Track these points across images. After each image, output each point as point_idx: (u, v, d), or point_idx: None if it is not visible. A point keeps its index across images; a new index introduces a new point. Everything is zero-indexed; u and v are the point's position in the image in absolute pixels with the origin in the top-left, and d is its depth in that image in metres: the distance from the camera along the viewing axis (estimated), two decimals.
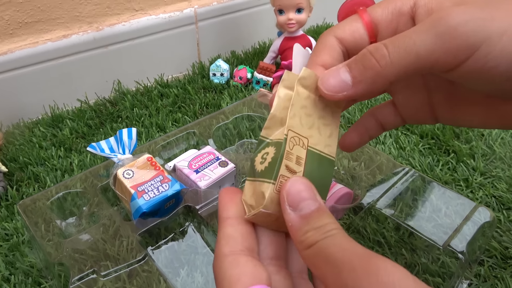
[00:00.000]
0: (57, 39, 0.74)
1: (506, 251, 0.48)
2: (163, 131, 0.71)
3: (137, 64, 0.85)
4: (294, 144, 0.24)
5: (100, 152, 0.47)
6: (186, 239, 0.46)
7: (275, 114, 0.25)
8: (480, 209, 0.46)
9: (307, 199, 0.21)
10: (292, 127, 0.24)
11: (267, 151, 0.24)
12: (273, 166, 0.23)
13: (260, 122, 0.65)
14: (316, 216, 0.21)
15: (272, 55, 0.88)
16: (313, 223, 0.21)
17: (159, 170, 0.45)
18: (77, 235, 0.44)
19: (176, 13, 0.85)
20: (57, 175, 0.61)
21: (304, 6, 0.80)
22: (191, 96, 0.81)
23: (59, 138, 0.69)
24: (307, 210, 0.21)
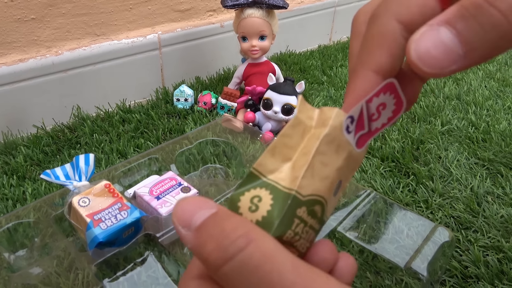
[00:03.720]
0: (12, 63, 0.72)
1: (466, 270, 0.49)
2: (124, 157, 0.69)
3: (98, 90, 0.83)
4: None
5: (54, 180, 0.45)
6: (146, 269, 0.44)
7: (279, 148, 0.19)
8: (439, 229, 0.47)
9: (200, 210, 0.16)
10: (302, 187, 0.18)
11: (259, 194, 0.18)
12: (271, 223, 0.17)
13: (225, 147, 0.64)
14: (213, 224, 0.16)
15: (236, 80, 0.89)
16: (213, 232, 0.16)
17: (118, 197, 0.44)
18: (27, 269, 0.41)
19: (139, 38, 0.84)
20: (8, 205, 0.57)
21: (267, 34, 0.82)
22: (154, 121, 0.79)
23: (12, 165, 0.65)
24: (201, 219, 0.16)
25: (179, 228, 0.16)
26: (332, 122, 0.18)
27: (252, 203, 0.18)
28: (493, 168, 0.68)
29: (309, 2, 1.15)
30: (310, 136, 0.19)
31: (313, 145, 0.18)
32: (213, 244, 0.15)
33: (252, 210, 0.18)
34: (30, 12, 0.71)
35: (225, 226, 0.16)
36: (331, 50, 1.18)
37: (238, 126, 0.67)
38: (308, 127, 0.19)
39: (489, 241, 0.53)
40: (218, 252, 0.15)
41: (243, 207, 0.18)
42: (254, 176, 0.19)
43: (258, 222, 0.17)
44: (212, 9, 0.95)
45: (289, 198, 0.17)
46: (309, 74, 1.03)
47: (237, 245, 0.15)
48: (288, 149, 0.19)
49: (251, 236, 0.15)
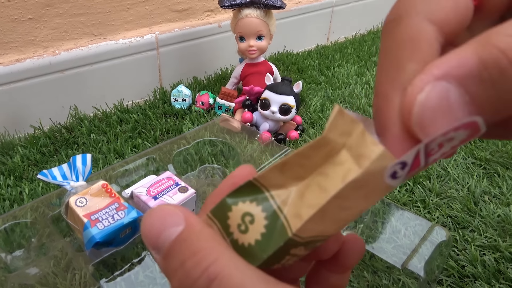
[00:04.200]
0: (9, 63, 0.71)
1: (463, 269, 0.50)
2: (122, 157, 0.69)
3: (96, 90, 0.83)
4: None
5: (51, 180, 0.45)
6: (144, 269, 0.44)
7: (291, 166, 0.15)
8: (436, 229, 0.47)
9: (166, 228, 0.14)
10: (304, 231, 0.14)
11: (253, 212, 0.15)
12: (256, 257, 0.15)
13: (222, 147, 0.64)
14: (177, 250, 0.14)
15: (234, 80, 0.89)
16: (174, 260, 0.14)
17: (115, 197, 0.44)
18: (24, 269, 0.41)
19: (136, 38, 0.84)
20: (4, 205, 0.57)
21: (265, 34, 0.82)
22: (152, 121, 0.79)
23: (9, 166, 0.65)
24: (168, 242, 0.14)
25: (150, 249, 0.15)
26: (370, 166, 0.13)
27: (243, 221, 0.15)
28: (490, 168, 0.68)
29: (306, 2, 1.15)
30: (336, 161, 0.14)
31: (335, 184, 0.14)
32: (177, 282, 0.14)
33: (241, 230, 0.15)
34: (27, 12, 0.71)
35: (187, 257, 0.14)
36: (328, 50, 1.18)
37: (236, 126, 0.67)
38: (337, 146, 0.14)
39: (486, 240, 0.53)
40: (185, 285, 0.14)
41: (233, 219, 0.16)
42: (254, 187, 0.16)
43: (243, 248, 0.15)
44: (209, 9, 0.95)
45: (284, 237, 0.14)
46: (306, 74, 1.03)
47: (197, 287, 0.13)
48: (303, 170, 0.15)
49: (214, 271, 0.13)
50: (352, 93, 0.93)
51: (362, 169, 0.13)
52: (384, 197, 0.55)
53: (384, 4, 1.39)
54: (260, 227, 0.15)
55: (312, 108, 0.86)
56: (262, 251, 0.15)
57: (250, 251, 0.15)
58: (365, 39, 1.28)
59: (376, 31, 1.37)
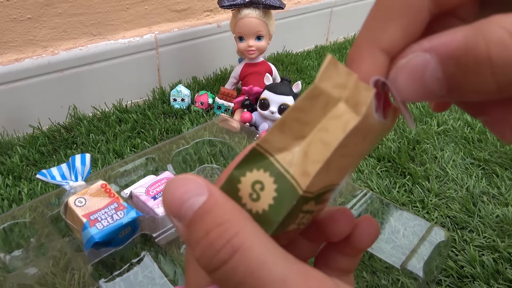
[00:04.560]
0: (8, 63, 0.71)
1: (462, 270, 0.50)
2: (121, 157, 0.69)
3: (95, 89, 0.83)
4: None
5: (50, 180, 0.45)
6: (143, 269, 0.44)
7: (290, 123, 0.15)
8: (435, 229, 0.47)
9: (189, 197, 0.14)
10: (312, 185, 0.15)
11: (261, 179, 0.15)
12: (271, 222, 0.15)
13: (221, 147, 0.64)
14: (200, 220, 0.14)
15: (233, 81, 0.89)
16: (198, 230, 0.14)
17: (114, 197, 0.44)
18: (23, 269, 0.41)
19: (136, 38, 0.84)
20: (3, 205, 0.57)
21: (264, 34, 0.82)
22: (151, 121, 0.79)
23: (8, 165, 0.65)
24: (191, 212, 0.14)
25: (170, 217, 0.15)
26: (367, 111, 0.14)
27: (253, 190, 0.16)
28: (488, 168, 0.68)
29: (306, 3, 1.15)
30: (334, 115, 0.15)
31: (336, 135, 0.14)
32: (199, 251, 0.14)
33: (253, 199, 0.16)
34: (26, 12, 0.70)
35: (211, 228, 0.14)
36: (328, 50, 1.18)
37: (235, 126, 0.67)
38: (334, 99, 0.15)
39: (484, 241, 0.54)
40: (204, 261, 0.14)
41: (244, 190, 0.16)
42: (258, 154, 0.16)
43: (258, 215, 0.15)
44: (209, 9, 0.95)
45: (295, 196, 0.15)
46: (305, 74, 1.03)
47: (220, 258, 0.14)
48: (302, 125, 0.15)
49: (237, 243, 0.14)
50: None
51: (360, 116, 0.14)
52: (384, 197, 0.55)
53: None
54: (271, 192, 0.15)
55: None
56: (277, 214, 0.15)
57: (264, 217, 0.15)
58: None
59: None
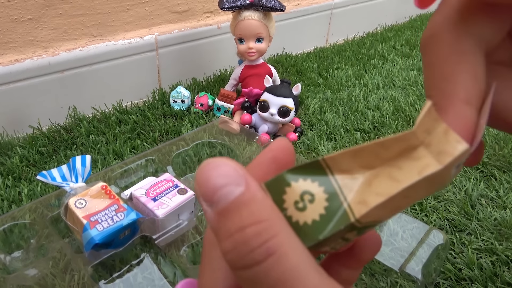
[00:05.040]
0: (8, 63, 0.71)
1: (460, 272, 0.50)
2: (121, 159, 0.69)
3: (95, 90, 0.83)
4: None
5: (51, 181, 0.45)
6: (142, 271, 0.44)
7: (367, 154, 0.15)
8: (434, 232, 0.47)
9: (226, 185, 0.13)
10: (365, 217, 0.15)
11: (314, 192, 0.15)
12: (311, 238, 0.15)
13: (221, 149, 0.65)
14: (235, 212, 0.13)
15: (233, 82, 0.89)
16: (232, 228, 0.13)
17: (114, 199, 0.44)
18: (23, 270, 0.41)
19: (136, 39, 0.84)
20: (3, 206, 0.57)
21: (264, 36, 0.82)
22: (151, 122, 0.79)
23: (7, 166, 0.65)
24: (225, 201, 0.13)
25: (201, 199, 0.14)
26: (450, 162, 0.14)
27: (302, 199, 0.15)
28: (487, 171, 0.69)
29: (305, 5, 1.15)
30: (411, 156, 0.15)
31: (409, 176, 0.14)
32: (230, 244, 0.13)
33: (298, 207, 0.15)
34: (27, 13, 0.71)
35: (248, 224, 0.13)
36: (327, 52, 1.19)
37: (235, 128, 0.67)
38: (415, 142, 0.15)
39: (482, 243, 0.54)
40: (234, 255, 0.13)
41: (290, 195, 0.15)
42: (318, 167, 0.15)
43: (297, 225, 0.15)
44: (209, 10, 0.96)
45: (345, 222, 0.14)
46: (305, 76, 1.03)
47: (254, 258, 0.13)
48: (376, 159, 0.15)
49: (274, 246, 0.13)
50: (350, 96, 0.93)
51: (442, 165, 0.14)
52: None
53: (383, 7, 1.40)
54: (319, 208, 0.15)
55: (311, 110, 0.86)
56: (319, 232, 0.15)
57: (305, 230, 0.15)
58: (364, 41, 1.28)
59: (374, 33, 1.38)
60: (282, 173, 0.15)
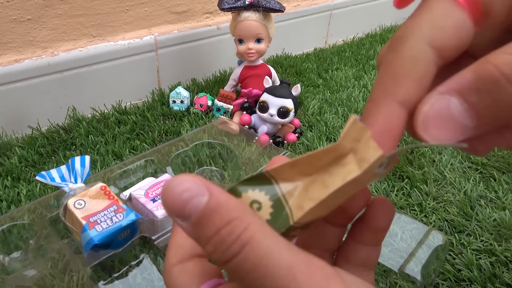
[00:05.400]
0: (8, 64, 0.71)
1: (459, 273, 0.50)
2: (120, 159, 0.69)
3: (94, 91, 0.83)
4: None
5: (50, 181, 0.45)
6: (142, 271, 0.44)
7: (302, 164, 0.17)
8: (433, 233, 0.47)
9: (191, 198, 0.15)
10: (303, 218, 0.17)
11: (261, 200, 0.17)
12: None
13: (220, 149, 0.64)
14: (207, 219, 0.15)
15: (232, 83, 0.89)
16: (208, 233, 0.15)
17: (113, 200, 0.44)
18: (22, 271, 0.41)
19: (135, 40, 0.84)
20: (2, 206, 0.57)
21: (263, 37, 0.82)
22: (150, 123, 0.79)
23: (6, 166, 0.65)
24: (196, 212, 0.15)
25: (173, 217, 0.15)
26: (368, 168, 0.16)
27: (251, 207, 0.17)
28: (486, 172, 0.69)
29: (305, 5, 1.15)
30: (341, 163, 0.16)
31: (336, 181, 0.16)
32: (212, 247, 0.15)
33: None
34: (26, 13, 0.71)
35: (220, 226, 0.15)
36: (326, 53, 1.19)
37: (234, 128, 0.67)
38: (346, 150, 0.16)
39: (482, 244, 0.54)
40: (217, 255, 0.15)
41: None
42: (264, 179, 0.17)
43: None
44: (208, 11, 0.96)
45: (287, 224, 0.17)
46: (305, 77, 1.03)
47: (232, 251, 0.15)
48: (311, 168, 0.17)
49: (246, 237, 0.15)
50: (350, 96, 0.93)
51: (361, 170, 0.16)
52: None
53: (382, 8, 1.40)
54: (266, 214, 0.17)
55: (310, 111, 0.86)
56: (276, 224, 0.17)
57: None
58: (363, 42, 1.29)
59: (374, 34, 1.38)
60: (234, 185, 0.18)
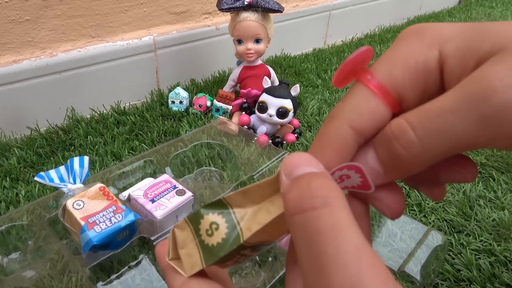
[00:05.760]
0: (6, 64, 0.71)
1: (458, 273, 0.50)
2: (119, 160, 0.69)
3: (93, 91, 0.83)
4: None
5: (48, 182, 0.44)
6: (141, 272, 0.44)
7: (251, 193, 0.20)
8: (432, 233, 0.47)
9: (302, 165, 0.17)
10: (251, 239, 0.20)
11: (219, 222, 0.20)
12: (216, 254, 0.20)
13: (219, 150, 0.64)
14: (307, 178, 0.17)
15: (231, 83, 0.89)
16: (301, 184, 0.17)
17: (112, 200, 0.44)
18: (20, 272, 0.41)
19: (134, 40, 0.84)
20: (0, 207, 0.57)
21: (262, 37, 0.82)
22: (149, 123, 0.79)
23: (5, 167, 0.65)
24: (299, 173, 0.17)
25: (282, 175, 0.18)
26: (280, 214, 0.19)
27: (210, 228, 0.20)
28: (485, 172, 0.69)
29: (304, 6, 1.15)
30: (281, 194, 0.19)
31: (277, 209, 0.19)
32: (295, 193, 0.16)
33: (208, 234, 0.21)
34: (25, 13, 0.70)
35: (314, 183, 0.16)
36: (325, 53, 1.19)
37: (233, 128, 0.67)
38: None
39: (481, 244, 0.54)
40: (295, 201, 0.16)
41: (203, 225, 0.21)
42: (222, 204, 0.21)
43: (207, 246, 0.20)
44: (207, 11, 0.96)
45: (237, 243, 0.20)
46: (304, 77, 1.03)
47: (312, 203, 0.16)
48: (258, 197, 0.20)
49: (330, 201, 0.16)
50: None
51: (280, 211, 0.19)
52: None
53: (381, 8, 1.40)
54: (222, 234, 0.20)
55: (309, 111, 0.86)
56: (220, 251, 0.20)
57: (212, 250, 0.20)
58: (362, 42, 1.29)
59: (372, 35, 1.38)
60: (198, 209, 0.21)
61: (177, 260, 0.22)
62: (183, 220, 0.22)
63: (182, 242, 0.22)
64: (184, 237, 0.22)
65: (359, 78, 0.19)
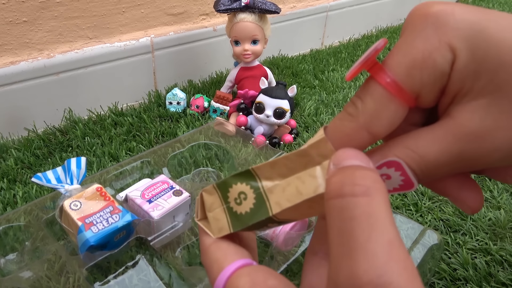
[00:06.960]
0: (3, 66, 0.71)
1: (454, 272, 0.50)
2: (116, 161, 0.69)
3: (90, 92, 0.83)
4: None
5: (46, 183, 0.45)
6: (138, 272, 0.44)
7: (279, 165, 0.20)
8: (428, 232, 0.47)
9: (352, 158, 0.18)
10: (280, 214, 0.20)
11: (247, 192, 0.21)
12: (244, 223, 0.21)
13: (217, 151, 0.65)
14: (353, 167, 0.17)
15: (229, 84, 0.89)
16: (346, 171, 0.17)
17: (109, 201, 0.44)
18: (17, 273, 0.41)
19: (132, 41, 0.84)
20: None
21: (259, 38, 0.82)
22: (147, 124, 0.79)
23: (3, 168, 0.65)
24: (347, 164, 0.18)
25: (331, 164, 0.18)
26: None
27: (239, 197, 0.21)
28: None
29: (301, 7, 1.16)
30: (311, 174, 0.19)
31: (308, 191, 0.19)
32: (338, 178, 0.17)
33: (237, 202, 0.22)
34: (22, 15, 0.70)
35: (359, 172, 0.17)
36: (323, 54, 1.19)
37: (231, 129, 0.67)
38: (314, 162, 0.19)
39: (477, 243, 0.54)
40: (336, 185, 0.17)
41: (232, 194, 0.22)
42: (250, 175, 0.21)
43: (236, 214, 0.21)
44: (205, 13, 0.96)
45: (266, 215, 0.20)
46: (301, 78, 1.04)
47: (353, 189, 0.16)
48: (287, 170, 0.20)
49: (371, 192, 0.16)
50: (346, 97, 0.93)
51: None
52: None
53: (378, 9, 1.40)
54: (250, 204, 0.21)
55: (306, 112, 0.87)
56: (249, 220, 0.21)
57: (240, 217, 0.21)
58: (359, 43, 1.29)
59: (370, 35, 1.38)
60: (226, 178, 0.22)
61: (205, 220, 0.23)
62: (211, 186, 0.23)
63: (210, 206, 0.23)
64: (212, 202, 0.23)
65: (377, 78, 0.19)
